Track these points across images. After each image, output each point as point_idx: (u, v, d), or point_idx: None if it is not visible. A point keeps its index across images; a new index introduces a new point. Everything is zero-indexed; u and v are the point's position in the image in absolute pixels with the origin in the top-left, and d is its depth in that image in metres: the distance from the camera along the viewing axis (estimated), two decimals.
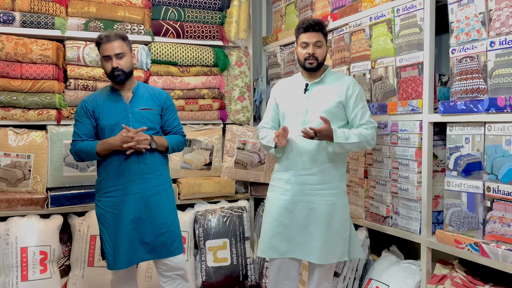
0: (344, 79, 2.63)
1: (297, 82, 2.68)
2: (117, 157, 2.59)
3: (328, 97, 2.56)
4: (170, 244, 2.67)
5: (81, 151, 2.61)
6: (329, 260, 2.52)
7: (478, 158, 2.27)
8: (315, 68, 2.57)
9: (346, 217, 2.58)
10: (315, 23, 2.54)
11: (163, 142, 2.68)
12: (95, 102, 2.67)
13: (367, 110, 2.60)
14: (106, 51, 2.59)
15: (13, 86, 3.34)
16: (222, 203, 3.85)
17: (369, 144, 2.56)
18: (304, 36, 2.55)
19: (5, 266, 3.10)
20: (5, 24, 3.36)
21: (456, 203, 2.37)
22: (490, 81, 2.19)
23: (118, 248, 2.57)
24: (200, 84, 3.97)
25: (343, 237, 2.54)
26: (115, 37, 2.59)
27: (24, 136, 3.39)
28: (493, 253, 2.15)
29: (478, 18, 2.24)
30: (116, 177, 2.60)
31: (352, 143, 2.47)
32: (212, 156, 3.96)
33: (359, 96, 2.57)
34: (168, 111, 2.78)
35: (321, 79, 2.60)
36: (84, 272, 3.29)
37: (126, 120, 2.61)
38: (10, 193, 3.29)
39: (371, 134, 2.54)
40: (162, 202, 2.68)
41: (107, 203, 2.62)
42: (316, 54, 2.54)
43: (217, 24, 4.09)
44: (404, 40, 2.71)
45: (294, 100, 2.63)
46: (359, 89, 2.60)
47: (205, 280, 3.54)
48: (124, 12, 3.70)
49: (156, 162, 2.68)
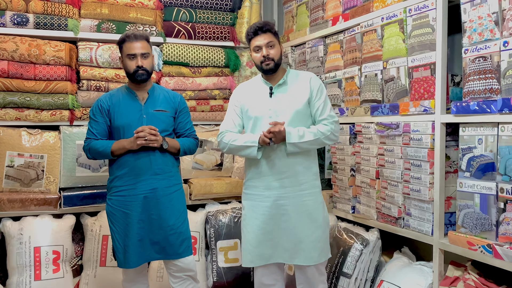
0: (304, 75, 2.65)
1: (260, 86, 2.66)
2: (129, 156, 2.62)
3: (296, 97, 2.57)
4: (178, 246, 2.68)
5: (95, 150, 2.65)
6: (320, 259, 2.55)
7: (491, 159, 2.25)
8: (273, 69, 2.56)
9: (326, 214, 2.63)
10: (261, 25, 2.55)
11: (175, 144, 2.71)
12: (110, 101, 2.70)
13: (327, 104, 2.59)
14: (132, 49, 2.61)
15: (26, 87, 3.38)
16: (233, 203, 3.86)
17: (329, 140, 2.54)
18: (255, 40, 2.56)
19: (19, 265, 3.13)
20: (19, 26, 3.40)
21: (469, 204, 2.35)
22: (503, 81, 2.17)
23: (128, 247, 2.61)
24: (212, 85, 3.98)
25: (326, 233, 2.61)
26: (141, 37, 2.64)
27: (38, 136, 3.42)
28: (507, 255, 2.13)
29: (491, 18, 2.22)
30: (127, 176, 2.64)
31: (307, 141, 2.47)
32: (223, 157, 3.97)
33: (319, 91, 2.58)
34: (181, 114, 2.82)
35: (284, 80, 2.60)
36: (97, 272, 3.32)
37: (141, 121, 2.65)
38: (23, 193, 3.32)
39: (330, 130, 2.53)
40: (172, 203, 2.70)
41: (118, 202, 2.65)
42: (270, 55, 2.53)
43: (228, 25, 4.10)
44: (416, 40, 2.69)
45: (260, 104, 2.61)
46: (319, 83, 2.61)
47: (216, 280, 3.55)
48: (136, 14, 3.73)
49: (168, 163, 2.71)
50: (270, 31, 2.56)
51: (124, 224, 2.63)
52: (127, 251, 2.61)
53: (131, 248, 2.60)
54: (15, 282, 3.12)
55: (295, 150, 2.49)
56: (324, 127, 2.53)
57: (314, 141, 2.50)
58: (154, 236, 2.65)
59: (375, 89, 3.03)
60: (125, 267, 2.65)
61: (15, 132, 3.37)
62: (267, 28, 2.55)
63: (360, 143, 3.16)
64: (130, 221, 2.62)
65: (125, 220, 2.63)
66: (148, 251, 2.65)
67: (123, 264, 2.64)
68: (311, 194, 2.57)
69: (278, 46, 2.59)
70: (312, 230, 2.54)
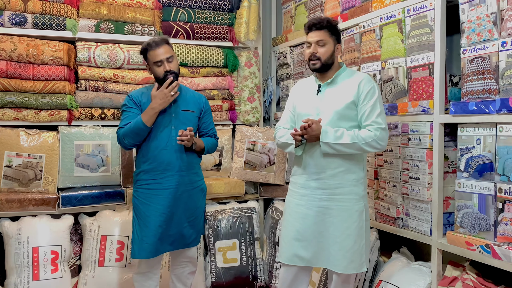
0: (356, 76, 2.52)
1: (311, 83, 2.62)
2: (156, 152, 2.74)
3: (340, 98, 2.46)
4: (189, 236, 2.84)
5: (129, 131, 2.68)
6: (346, 270, 2.42)
7: (490, 159, 2.26)
8: (319, 69, 2.49)
9: (362, 224, 2.46)
10: (316, 22, 2.46)
11: (201, 144, 2.85)
12: (141, 98, 2.80)
13: (376, 109, 2.41)
14: (157, 56, 2.69)
15: (25, 87, 3.37)
16: (231, 203, 3.86)
17: (370, 147, 2.39)
18: (308, 36, 2.51)
19: (17, 265, 3.13)
20: (17, 26, 3.39)
21: (467, 204, 2.35)
22: (501, 82, 2.17)
23: (145, 237, 2.71)
24: (210, 85, 3.98)
25: (360, 245, 2.44)
26: (162, 42, 2.71)
27: (36, 136, 3.42)
28: (505, 255, 2.13)
29: (489, 18, 2.22)
30: (154, 171, 2.76)
31: (343, 144, 2.36)
32: (222, 157, 3.97)
33: (368, 94, 2.43)
34: (205, 115, 2.96)
35: (332, 79, 2.51)
36: (95, 272, 3.31)
37: (169, 120, 2.76)
38: (21, 193, 3.32)
39: (373, 136, 2.37)
40: (192, 199, 2.85)
41: (143, 195, 2.77)
42: (318, 54, 2.45)
43: (227, 25, 4.10)
44: (414, 40, 2.69)
45: (307, 102, 2.57)
46: (371, 86, 2.45)
47: (215, 280, 3.55)
48: (134, 14, 3.72)
49: (193, 160, 2.86)
50: (326, 28, 2.46)
51: (145, 216, 2.73)
52: (143, 241, 2.71)
53: (147, 239, 2.70)
54: (13, 282, 3.11)
55: (329, 150, 2.39)
56: (366, 133, 2.39)
57: (351, 145, 2.37)
58: (171, 229, 2.76)
59: None
60: (137, 257, 2.74)
61: (13, 132, 3.36)
62: (322, 24, 2.45)
63: None
64: (152, 214, 2.72)
65: (147, 212, 2.73)
66: (164, 245, 2.76)
67: (136, 254, 2.73)
68: (346, 200, 2.45)
69: (331, 45, 2.48)
70: (342, 237, 2.42)
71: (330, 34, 2.48)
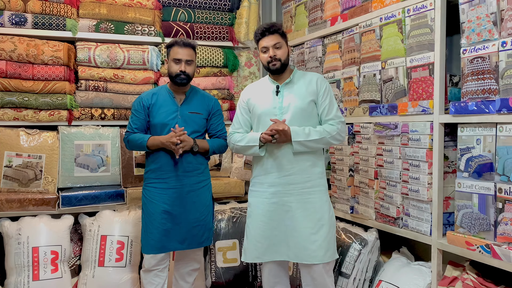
0: (311, 76, 2.68)
1: (267, 85, 2.71)
2: (163, 153, 2.83)
3: (301, 96, 2.60)
4: (201, 236, 2.91)
5: (134, 142, 2.86)
6: (325, 258, 2.52)
7: (490, 159, 2.26)
8: (279, 69, 2.60)
9: (332, 213, 2.63)
10: (269, 26, 2.59)
11: (205, 146, 2.90)
12: (151, 100, 2.89)
13: (334, 105, 2.63)
14: (178, 54, 2.81)
15: (25, 87, 3.38)
16: (231, 203, 3.86)
17: (335, 139, 2.57)
18: (262, 41, 2.61)
19: (17, 265, 3.13)
20: (17, 26, 3.39)
21: (467, 204, 2.35)
22: (501, 82, 2.17)
23: (150, 233, 2.82)
24: (210, 85, 3.98)
25: (333, 233, 2.59)
26: (189, 45, 2.84)
27: (36, 136, 3.42)
28: (505, 255, 2.13)
29: (489, 18, 2.22)
30: (160, 171, 2.85)
31: (313, 140, 2.51)
32: (222, 157, 3.97)
33: (326, 91, 2.62)
34: (214, 116, 3.01)
35: (290, 79, 2.64)
36: (95, 272, 3.31)
37: (176, 121, 2.84)
38: (21, 193, 3.32)
39: (336, 129, 2.56)
40: (199, 198, 2.90)
41: (149, 193, 2.87)
42: (277, 56, 2.57)
43: (227, 25, 4.10)
44: (414, 40, 2.69)
45: (267, 103, 2.65)
46: (326, 84, 2.65)
47: (215, 280, 3.55)
48: (134, 14, 3.72)
49: (198, 161, 2.91)
50: (277, 32, 2.60)
51: (150, 213, 2.84)
52: (149, 237, 2.82)
53: (152, 236, 2.80)
54: (13, 282, 3.12)
55: (301, 148, 2.52)
56: (330, 127, 2.57)
57: (320, 140, 2.53)
58: (179, 228, 2.83)
59: (373, 89, 3.03)
60: (144, 252, 2.86)
61: (13, 132, 3.36)
62: (274, 29, 2.59)
63: (358, 143, 3.17)
64: (155, 211, 2.82)
65: (152, 209, 2.83)
66: (172, 242, 2.83)
67: (144, 249, 2.86)
68: (316, 192, 2.58)
69: (285, 46, 2.63)
70: (317, 228, 2.53)
71: (282, 37, 2.62)
